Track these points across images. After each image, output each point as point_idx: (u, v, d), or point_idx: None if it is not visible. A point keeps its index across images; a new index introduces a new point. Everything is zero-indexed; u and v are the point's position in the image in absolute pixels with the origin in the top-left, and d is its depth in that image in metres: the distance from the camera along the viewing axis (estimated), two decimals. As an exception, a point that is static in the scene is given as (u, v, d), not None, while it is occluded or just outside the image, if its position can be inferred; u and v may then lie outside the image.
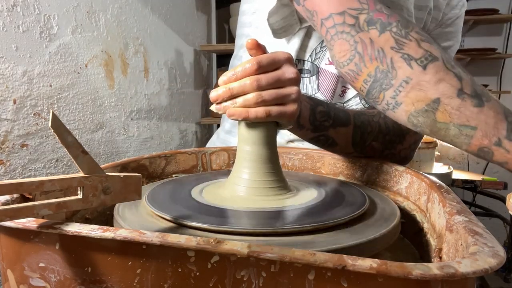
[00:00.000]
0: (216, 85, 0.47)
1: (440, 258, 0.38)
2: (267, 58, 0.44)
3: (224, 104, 0.46)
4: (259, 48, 0.45)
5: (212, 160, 0.72)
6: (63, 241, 0.31)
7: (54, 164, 1.25)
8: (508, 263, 2.35)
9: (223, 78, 0.45)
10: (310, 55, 0.74)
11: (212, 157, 0.72)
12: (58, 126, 0.31)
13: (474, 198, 2.64)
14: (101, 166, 0.48)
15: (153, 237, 0.28)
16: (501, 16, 2.68)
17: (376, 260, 0.25)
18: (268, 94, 0.44)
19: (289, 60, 0.46)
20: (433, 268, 0.24)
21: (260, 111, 0.44)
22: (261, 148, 0.47)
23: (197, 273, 0.29)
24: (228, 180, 0.50)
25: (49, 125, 0.31)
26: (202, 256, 0.28)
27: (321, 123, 0.60)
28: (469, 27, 2.83)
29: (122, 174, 0.36)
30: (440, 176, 2.06)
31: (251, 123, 0.47)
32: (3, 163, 1.09)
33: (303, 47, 0.73)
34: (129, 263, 0.30)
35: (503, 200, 2.10)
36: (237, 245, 0.27)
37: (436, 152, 2.14)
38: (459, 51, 2.75)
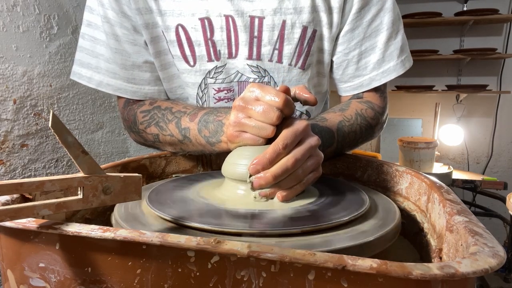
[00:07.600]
0: None
1: (440, 258, 0.38)
2: (291, 137, 0.44)
3: (265, 191, 0.45)
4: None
5: (212, 160, 0.72)
6: (63, 241, 0.31)
7: (54, 164, 1.25)
8: (508, 263, 2.35)
9: (255, 161, 0.44)
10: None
11: (212, 157, 0.72)
12: (58, 126, 0.31)
13: (474, 198, 2.64)
14: (101, 166, 0.48)
15: (153, 237, 0.28)
16: (501, 16, 2.68)
17: (376, 260, 0.25)
18: (307, 177, 0.47)
19: (308, 129, 0.47)
20: (433, 268, 0.24)
21: (299, 189, 0.47)
22: (261, 150, 0.47)
23: (197, 273, 0.29)
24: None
25: (49, 125, 0.31)
26: (202, 256, 0.28)
27: None
28: (469, 27, 2.83)
29: (122, 174, 0.36)
30: (440, 176, 2.06)
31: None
32: (3, 163, 1.09)
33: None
34: (129, 263, 0.30)
35: (503, 200, 2.10)
36: (237, 245, 0.27)
37: (436, 152, 2.14)
38: (459, 51, 2.76)
